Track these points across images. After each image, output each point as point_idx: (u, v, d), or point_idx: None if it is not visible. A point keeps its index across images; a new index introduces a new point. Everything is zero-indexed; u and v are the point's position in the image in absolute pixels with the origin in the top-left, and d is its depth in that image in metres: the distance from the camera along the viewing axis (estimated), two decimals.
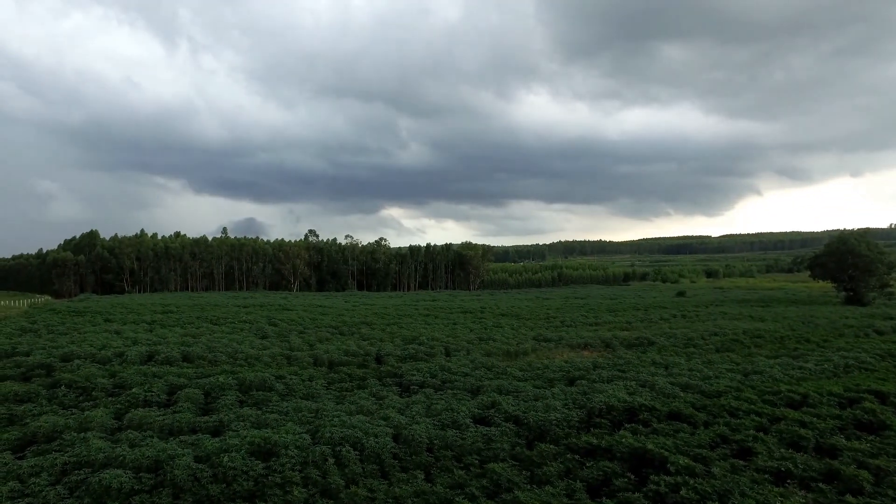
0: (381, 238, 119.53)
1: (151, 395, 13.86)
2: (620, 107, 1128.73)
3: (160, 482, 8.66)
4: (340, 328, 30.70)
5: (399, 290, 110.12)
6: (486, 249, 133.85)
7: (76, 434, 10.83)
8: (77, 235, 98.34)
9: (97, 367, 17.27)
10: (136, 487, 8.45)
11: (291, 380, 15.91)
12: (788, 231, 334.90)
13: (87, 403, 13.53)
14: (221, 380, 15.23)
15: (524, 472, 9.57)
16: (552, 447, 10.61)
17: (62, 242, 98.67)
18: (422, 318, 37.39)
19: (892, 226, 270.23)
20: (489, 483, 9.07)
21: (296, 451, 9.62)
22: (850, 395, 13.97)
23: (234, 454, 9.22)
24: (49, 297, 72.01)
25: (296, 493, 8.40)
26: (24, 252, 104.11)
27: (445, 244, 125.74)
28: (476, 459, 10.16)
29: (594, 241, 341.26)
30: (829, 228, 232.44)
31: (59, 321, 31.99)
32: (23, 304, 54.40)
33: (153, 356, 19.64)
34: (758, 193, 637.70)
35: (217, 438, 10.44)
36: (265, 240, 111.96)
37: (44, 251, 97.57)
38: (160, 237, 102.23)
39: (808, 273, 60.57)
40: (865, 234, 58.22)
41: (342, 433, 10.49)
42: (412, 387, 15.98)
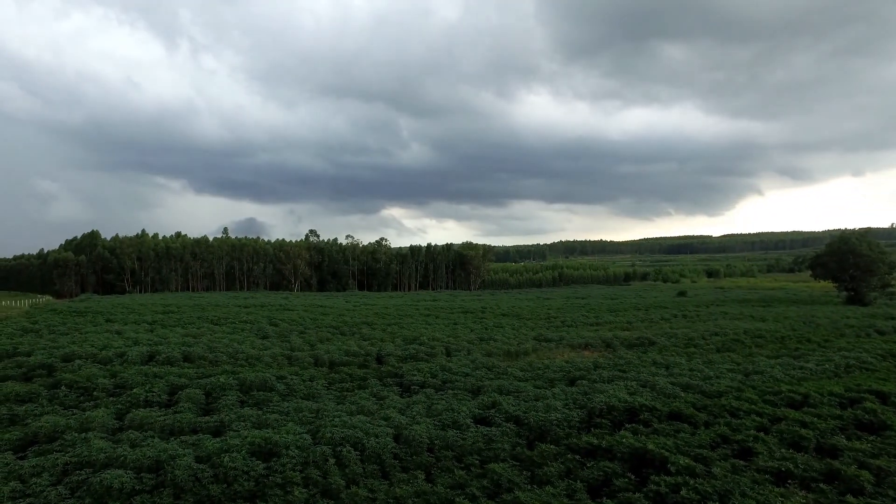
0: (382, 238, 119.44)
1: (152, 396, 13.89)
2: (621, 107, 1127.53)
3: (161, 482, 8.69)
4: (341, 328, 30.72)
5: (400, 290, 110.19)
6: (487, 249, 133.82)
7: (77, 434, 10.86)
8: (78, 236, 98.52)
9: (98, 368, 17.28)
10: (138, 487, 8.48)
11: (292, 380, 15.93)
12: (789, 231, 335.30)
13: (89, 404, 13.56)
14: (222, 380, 15.26)
15: (525, 473, 9.58)
16: (553, 447, 10.62)
17: (63, 243, 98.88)
18: (422, 319, 37.41)
19: (894, 225, 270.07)
20: (490, 483, 9.08)
21: (296, 452, 9.64)
22: (851, 396, 13.98)
23: (235, 454, 9.24)
24: (50, 298, 72.15)
25: (296, 494, 8.42)
26: (26, 252, 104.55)
27: (446, 244, 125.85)
28: (477, 459, 10.17)
29: (595, 241, 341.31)
30: (831, 228, 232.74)
31: (61, 321, 32.01)
32: (24, 305, 54.52)
33: (154, 356, 19.65)
34: (759, 193, 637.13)
35: (218, 438, 10.46)
36: (266, 240, 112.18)
37: (45, 251, 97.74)
38: (161, 237, 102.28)
39: (810, 273, 60.68)
40: (867, 234, 58.37)
41: (343, 433, 10.50)
42: (413, 387, 15.99)
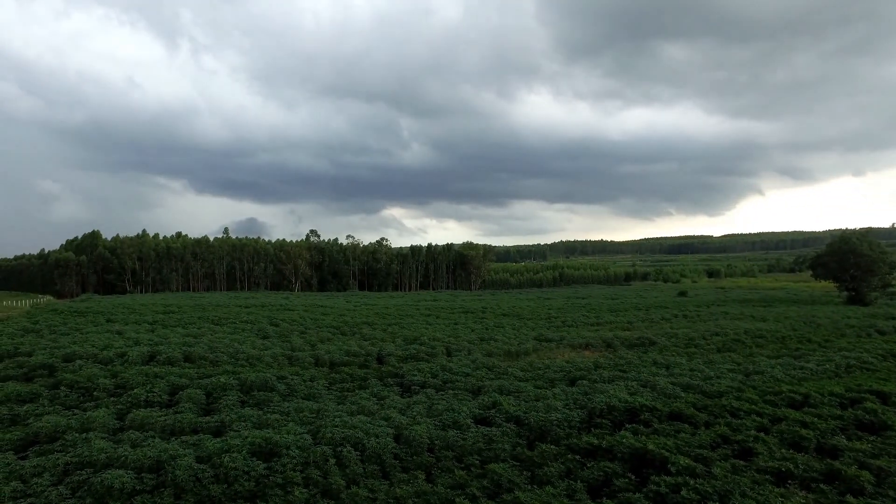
0: (383, 238, 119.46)
1: (153, 396, 13.91)
2: (622, 106, 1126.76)
3: (162, 482, 8.70)
4: (342, 328, 30.72)
5: (400, 290, 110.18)
6: (488, 249, 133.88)
7: (78, 434, 10.88)
8: (79, 236, 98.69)
9: (99, 368, 17.30)
10: (138, 488, 8.49)
11: (293, 380, 15.94)
12: (790, 231, 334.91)
13: (89, 404, 13.57)
14: (223, 380, 15.27)
15: (525, 473, 9.58)
16: (553, 447, 10.62)
17: (64, 243, 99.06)
18: (423, 319, 37.41)
19: (894, 225, 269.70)
20: (490, 483, 9.08)
21: (297, 452, 9.65)
22: (852, 396, 13.97)
23: (236, 454, 9.25)
24: (51, 298, 72.21)
25: (297, 494, 8.42)
26: (26, 252, 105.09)
27: (447, 244, 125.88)
28: (477, 460, 10.18)
29: (596, 241, 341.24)
30: (831, 228, 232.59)
31: (61, 321, 32.04)
32: (25, 305, 54.60)
33: (155, 356, 19.66)
34: (760, 193, 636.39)
35: (218, 439, 10.47)
36: (266, 240, 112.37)
37: (46, 251, 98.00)
38: (162, 237, 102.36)
39: (810, 273, 60.62)
40: (867, 234, 58.32)
41: (343, 433, 10.51)
42: (413, 387, 16.00)
